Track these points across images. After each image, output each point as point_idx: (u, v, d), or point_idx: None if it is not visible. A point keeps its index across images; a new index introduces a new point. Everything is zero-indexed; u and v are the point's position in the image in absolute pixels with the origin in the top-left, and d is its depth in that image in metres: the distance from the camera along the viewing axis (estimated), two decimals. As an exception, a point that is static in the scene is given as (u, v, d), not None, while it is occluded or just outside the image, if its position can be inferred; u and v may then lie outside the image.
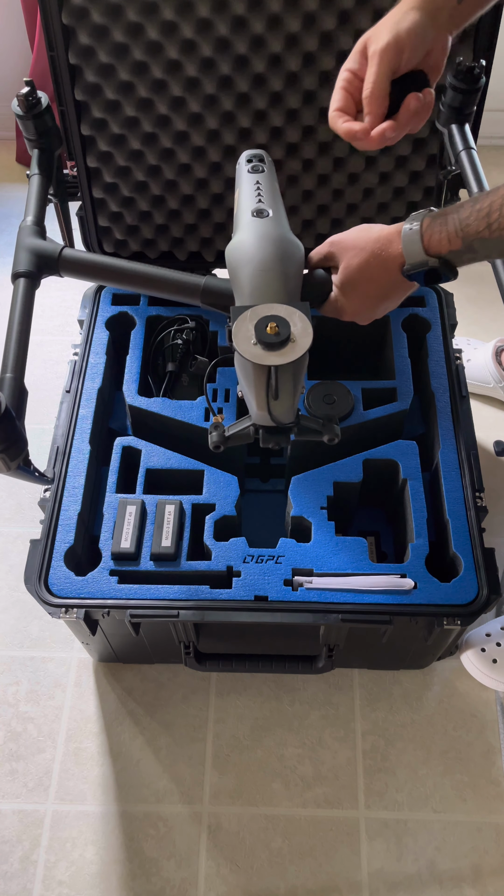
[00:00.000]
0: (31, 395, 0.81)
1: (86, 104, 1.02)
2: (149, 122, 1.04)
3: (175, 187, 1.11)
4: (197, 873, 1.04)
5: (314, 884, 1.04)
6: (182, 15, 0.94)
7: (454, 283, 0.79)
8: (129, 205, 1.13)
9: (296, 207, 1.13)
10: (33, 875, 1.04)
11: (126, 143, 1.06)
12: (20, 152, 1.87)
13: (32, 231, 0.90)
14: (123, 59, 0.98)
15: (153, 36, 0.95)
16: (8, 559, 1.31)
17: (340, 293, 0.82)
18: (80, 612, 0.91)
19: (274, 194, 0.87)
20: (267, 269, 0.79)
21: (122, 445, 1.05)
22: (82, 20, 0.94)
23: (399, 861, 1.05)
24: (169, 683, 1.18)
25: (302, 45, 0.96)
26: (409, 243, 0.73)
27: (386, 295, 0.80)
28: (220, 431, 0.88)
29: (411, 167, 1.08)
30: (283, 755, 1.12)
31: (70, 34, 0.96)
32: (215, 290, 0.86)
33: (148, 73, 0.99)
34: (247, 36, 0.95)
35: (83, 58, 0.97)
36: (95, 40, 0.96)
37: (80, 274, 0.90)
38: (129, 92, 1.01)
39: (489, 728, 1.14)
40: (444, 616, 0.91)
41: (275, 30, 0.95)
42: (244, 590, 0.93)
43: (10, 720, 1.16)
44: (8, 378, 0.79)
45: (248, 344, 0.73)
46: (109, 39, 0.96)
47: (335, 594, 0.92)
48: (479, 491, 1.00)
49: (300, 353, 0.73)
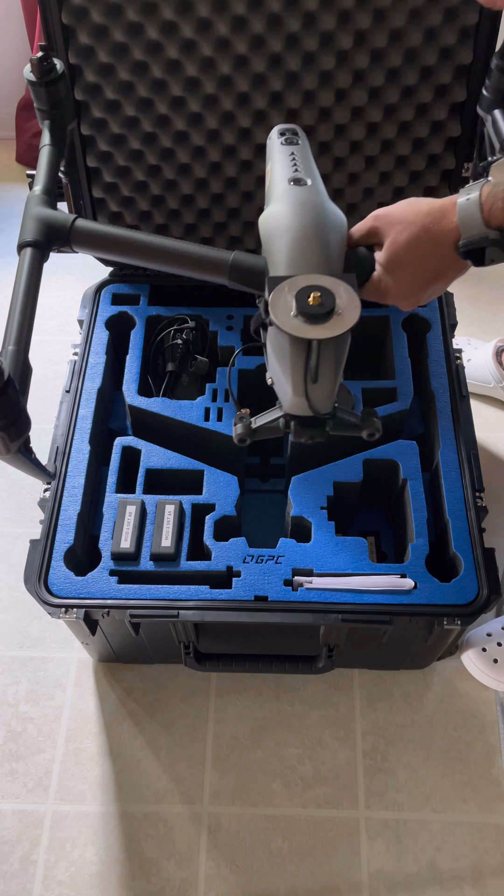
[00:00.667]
0: (30, 395, 0.80)
1: (86, 104, 1.02)
2: (149, 122, 1.04)
3: (175, 187, 1.11)
4: (197, 873, 1.04)
5: (314, 884, 1.04)
6: (182, 15, 0.94)
7: (454, 282, 0.78)
8: (129, 205, 1.13)
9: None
10: (33, 875, 1.04)
11: (126, 143, 1.06)
12: (20, 152, 1.87)
13: (42, 200, 0.82)
14: (123, 58, 0.98)
15: (153, 36, 0.95)
16: (8, 559, 1.31)
17: (385, 272, 0.75)
18: (79, 612, 0.91)
19: (310, 165, 0.80)
20: (307, 237, 0.72)
21: (121, 445, 1.05)
22: (82, 20, 0.94)
23: (399, 861, 1.05)
24: (169, 683, 1.18)
25: (302, 44, 0.96)
26: (466, 215, 0.66)
27: (436, 275, 0.73)
28: (246, 424, 0.80)
29: (412, 167, 1.08)
30: (283, 755, 1.12)
31: (70, 34, 0.96)
32: (246, 265, 0.77)
33: (148, 73, 0.99)
34: (247, 35, 0.95)
35: (83, 57, 0.97)
36: (95, 40, 0.96)
37: (94, 247, 0.81)
38: (129, 92, 1.01)
39: (489, 728, 1.14)
40: (444, 616, 0.91)
41: (274, 30, 0.95)
42: (244, 590, 0.93)
43: (10, 720, 1.16)
44: (10, 350, 0.73)
45: (287, 315, 0.66)
46: (109, 39, 0.96)
47: (335, 594, 0.92)
48: (479, 491, 1.00)
49: (346, 328, 0.65)
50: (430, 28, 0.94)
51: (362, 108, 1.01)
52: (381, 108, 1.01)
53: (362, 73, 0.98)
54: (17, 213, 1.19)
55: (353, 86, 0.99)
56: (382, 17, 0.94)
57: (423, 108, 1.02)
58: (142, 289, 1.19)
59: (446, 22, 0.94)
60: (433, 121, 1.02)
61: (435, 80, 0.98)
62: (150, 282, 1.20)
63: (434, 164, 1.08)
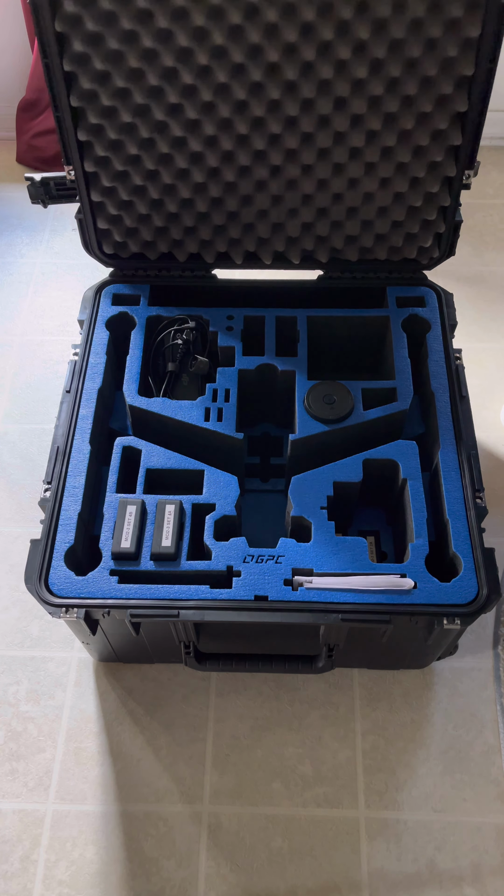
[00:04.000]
0: (31, 395, 0.81)
1: (82, 110, 1.02)
2: (146, 128, 1.03)
3: (174, 190, 1.11)
4: (197, 873, 1.04)
5: (314, 883, 1.04)
6: (177, 23, 0.93)
7: (454, 282, 0.78)
8: (128, 207, 1.13)
9: (295, 210, 1.12)
10: (33, 874, 1.04)
11: (123, 148, 1.06)
12: (20, 153, 1.87)
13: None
14: (119, 65, 0.97)
15: (148, 44, 0.95)
16: (8, 559, 1.31)
17: None
18: (80, 611, 0.91)
19: None
20: None
21: (122, 445, 1.05)
22: (76, 27, 0.94)
23: (399, 861, 1.05)
24: (169, 683, 1.18)
25: (300, 54, 0.95)
26: None
27: None
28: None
29: (412, 173, 1.08)
30: (283, 755, 1.12)
31: (64, 41, 0.95)
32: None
33: (144, 80, 0.98)
34: (244, 44, 0.95)
35: (78, 64, 0.97)
36: (90, 47, 0.96)
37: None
38: (125, 98, 1.01)
39: (489, 728, 1.15)
40: (444, 616, 0.91)
41: (272, 38, 0.94)
42: (244, 590, 0.93)
43: (10, 720, 1.16)
44: None
45: None
46: (104, 46, 0.96)
47: (335, 594, 0.92)
48: (479, 491, 1.00)
49: None
50: (430, 38, 0.92)
51: (361, 116, 1.00)
52: (381, 116, 1.00)
53: (362, 83, 0.97)
54: (17, 213, 1.20)
55: (352, 94, 0.98)
56: (382, 27, 0.93)
57: (424, 117, 1.00)
58: (142, 289, 1.19)
59: (447, 33, 0.92)
60: (434, 129, 1.01)
61: (436, 91, 0.97)
62: (151, 282, 1.20)
63: (434, 170, 1.07)
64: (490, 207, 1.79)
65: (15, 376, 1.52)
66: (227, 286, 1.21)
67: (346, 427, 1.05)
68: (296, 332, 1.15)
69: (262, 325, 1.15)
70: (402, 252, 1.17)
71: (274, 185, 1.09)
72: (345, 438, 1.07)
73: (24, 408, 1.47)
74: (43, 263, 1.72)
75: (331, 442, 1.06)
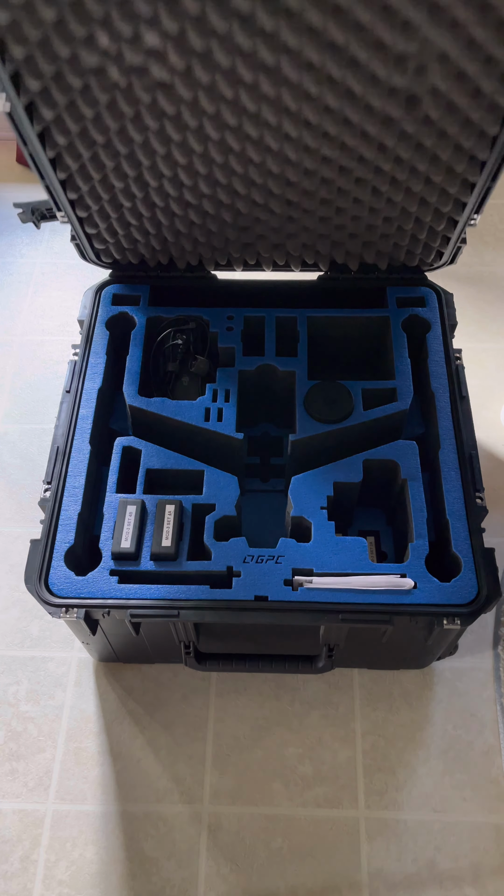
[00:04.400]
0: (31, 395, 0.81)
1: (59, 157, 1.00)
2: (131, 168, 0.98)
3: (167, 200, 1.08)
4: (197, 873, 1.04)
5: (314, 884, 1.04)
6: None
7: (454, 282, 0.78)
8: (121, 220, 1.10)
9: (294, 234, 1.11)
10: (33, 874, 1.04)
11: (110, 183, 1.01)
12: (20, 152, 1.87)
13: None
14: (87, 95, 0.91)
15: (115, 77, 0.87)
16: (8, 559, 1.31)
17: None
18: (80, 611, 0.91)
19: None
20: None
21: (122, 445, 1.05)
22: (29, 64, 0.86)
23: (399, 861, 1.05)
24: (169, 683, 1.18)
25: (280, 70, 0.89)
26: None
27: None
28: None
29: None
30: (283, 755, 1.13)
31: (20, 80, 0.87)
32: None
33: (125, 133, 0.94)
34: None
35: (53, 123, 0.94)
36: (65, 111, 0.92)
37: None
38: (107, 147, 0.97)
39: (489, 728, 1.15)
40: (444, 616, 0.91)
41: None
42: (244, 590, 0.93)
43: (10, 720, 1.16)
44: None
45: None
46: (77, 99, 0.90)
47: (335, 594, 0.92)
48: (479, 491, 1.00)
49: None
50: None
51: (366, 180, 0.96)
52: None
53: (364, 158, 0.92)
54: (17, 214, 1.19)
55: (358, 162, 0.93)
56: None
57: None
58: (142, 289, 1.19)
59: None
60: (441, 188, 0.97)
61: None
62: (151, 282, 1.20)
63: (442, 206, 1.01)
64: (490, 207, 1.79)
65: (15, 376, 1.52)
66: (227, 286, 1.21)
67: (346, 427, 1.05)
68: (296, 332, 1.15)
69: (262, 326, 1.15)
70: (402, 262, 1.17)
71: (274, 220, 1.07)
72: (345, 439, 1.07)
73: (24, 408, 1.48)
74: (43, 263, 1.72)
75: (331, 442, 1.07)
